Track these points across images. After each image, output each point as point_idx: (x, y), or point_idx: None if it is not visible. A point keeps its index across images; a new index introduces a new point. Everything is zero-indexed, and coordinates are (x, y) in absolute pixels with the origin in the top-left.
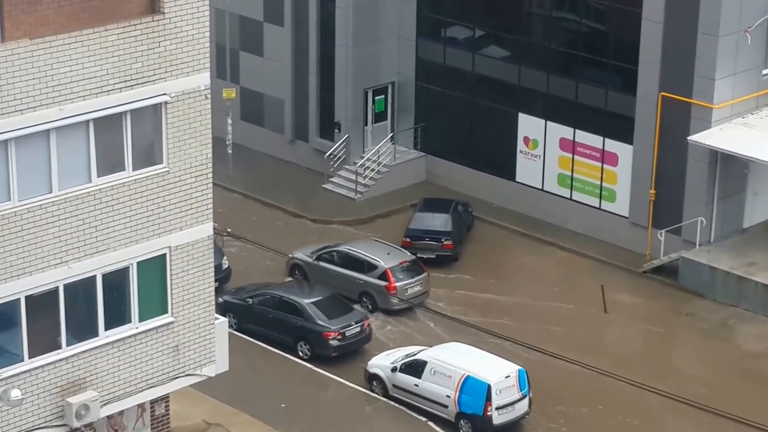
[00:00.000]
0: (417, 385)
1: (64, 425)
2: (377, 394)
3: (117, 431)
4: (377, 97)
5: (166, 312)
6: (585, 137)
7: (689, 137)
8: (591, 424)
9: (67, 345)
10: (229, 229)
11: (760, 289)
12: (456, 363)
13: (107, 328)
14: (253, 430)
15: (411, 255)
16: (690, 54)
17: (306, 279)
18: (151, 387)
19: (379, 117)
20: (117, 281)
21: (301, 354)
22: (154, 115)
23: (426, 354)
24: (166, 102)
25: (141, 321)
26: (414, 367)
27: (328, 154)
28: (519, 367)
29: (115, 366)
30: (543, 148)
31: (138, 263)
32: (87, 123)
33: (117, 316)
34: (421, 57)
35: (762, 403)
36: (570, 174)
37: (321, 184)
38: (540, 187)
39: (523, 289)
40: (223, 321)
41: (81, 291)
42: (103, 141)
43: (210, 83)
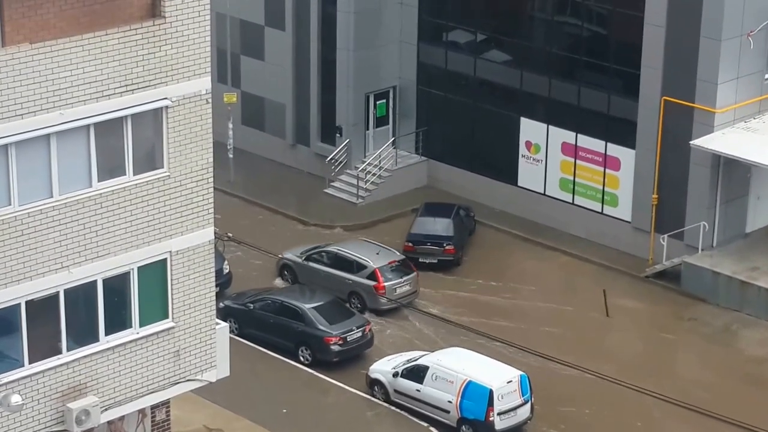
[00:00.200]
0: (419, 391)
1: (64, 431)
2: (379, 399)
3: None
4: (378, 102)
5: (166, 317)
6: (587, 141)
7: (692, 141)
8: (593, 429)
9: (68, 350)
10: (230, 234)
11: (762, 294)
12: (458, 368)
13: (108, 333)
14: None
15: (400, 255)
16: (692, 58)
17: (296, 279)
18: (152, 392)
19: (381, 121)
20: (117, 286)
21: (302, 359)
22: (154, 120)
23: (427, 359)
24: (167, 106)
25: (142, 326)
26: (415, 373)
27: (329, 158)
28: (521, 372)
29: (116, 371)
30: (545, 152)
31: (139, 268)
32: (88, 127)
33: (118, 321)
34: (423, 61)
35: (765, 408)
36: (572, 178)
37: (322, 188)
38: (542, 192)
39: (525, 294)
40: (224, 326)
41: (81, 296)
42: (104, 145)
43: (211, 87)
